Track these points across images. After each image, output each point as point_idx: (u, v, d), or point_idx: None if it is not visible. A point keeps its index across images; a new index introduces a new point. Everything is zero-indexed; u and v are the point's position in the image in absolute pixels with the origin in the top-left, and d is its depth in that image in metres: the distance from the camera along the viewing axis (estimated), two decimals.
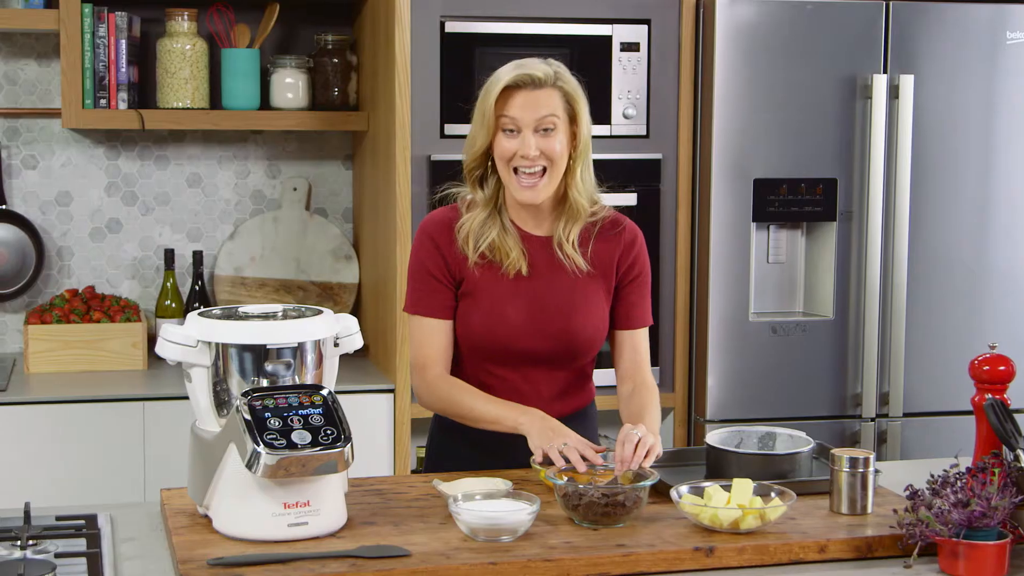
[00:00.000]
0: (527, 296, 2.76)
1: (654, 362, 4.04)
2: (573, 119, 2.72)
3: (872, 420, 4.09)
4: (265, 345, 2.30)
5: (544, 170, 2.68)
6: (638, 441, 2.50)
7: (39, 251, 4.20)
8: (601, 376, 4.01)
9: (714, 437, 2.70)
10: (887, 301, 4.06)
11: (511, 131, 2.68)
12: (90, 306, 4.05)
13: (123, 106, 4.00)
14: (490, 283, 2.76)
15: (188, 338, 2.33)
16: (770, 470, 2.60)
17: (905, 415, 4.11)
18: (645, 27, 3.97)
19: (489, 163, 2.75)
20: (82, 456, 3.69)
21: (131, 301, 4.18)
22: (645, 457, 2.49)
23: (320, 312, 2.41)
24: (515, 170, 2.69)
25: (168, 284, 4.19)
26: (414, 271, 2.80)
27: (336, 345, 2.42)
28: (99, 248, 4.29)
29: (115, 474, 3.70)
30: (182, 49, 4.05)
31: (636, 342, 2.87)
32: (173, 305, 4.17)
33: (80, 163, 4.26)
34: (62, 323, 3.97)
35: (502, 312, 2.74)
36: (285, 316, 2.41)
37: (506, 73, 2.70)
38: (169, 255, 4.20)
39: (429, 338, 2.79)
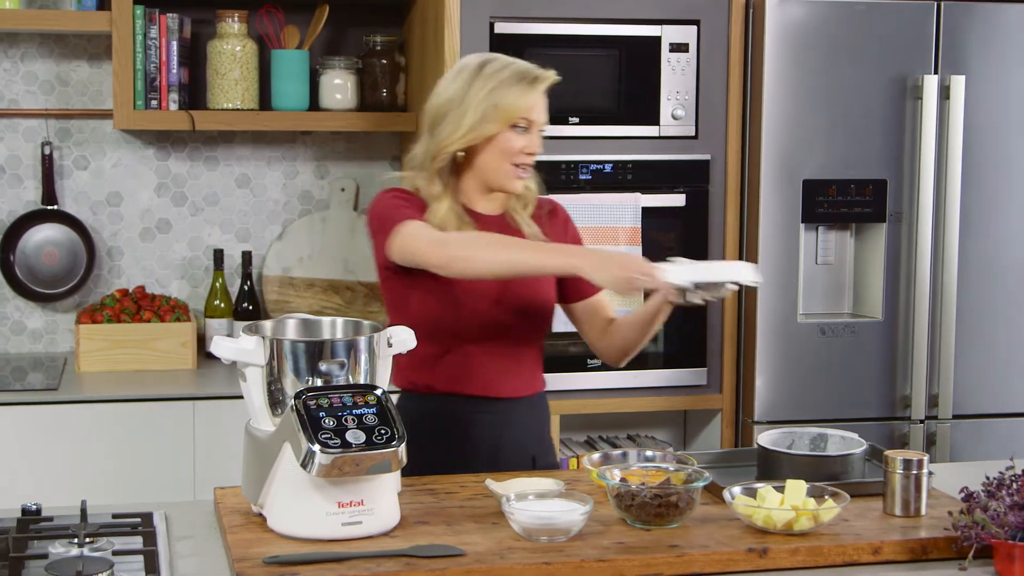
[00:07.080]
0: None
1: (701, 363, 4.04)
2: None
3: (921, 422, 4.06)
4: (319, 343, 2.32)
5: None
6: None
7: (90, 251, 4.23)
8: (645, 377, 4.02)
9: (766, 438, 2.69)
10: (937, 302, 4.03)
11: (523, 128, 2.74)
12: (140, 306, 4.08)
13: (174, 107, 4.03)
14: None
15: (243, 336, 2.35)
16: (822, 472, 2.59)
17: (955, 417, 4.07)
18: (694, 28, 3.96)
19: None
20: (132, 455, 3.71)
21: (180, 301, 4.20)
22: None
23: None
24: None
25: (217, 284, 4.21)
26: (392, 203, 2.78)
27: (390, 345, 2.43)
28: (149, 248, 4.32)
29: (165, 473, 3.72)
30: (232, 50, 4.07)
31: (602, 304, 2.93)
32: (222, 305, 4.19)
33: (131, 164, 4.29)
34: (113, 323, 4.00)
35: (472, 286, 2.74)
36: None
37: (533, 71, 2.75)
38: (218, 255, 4.23)
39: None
